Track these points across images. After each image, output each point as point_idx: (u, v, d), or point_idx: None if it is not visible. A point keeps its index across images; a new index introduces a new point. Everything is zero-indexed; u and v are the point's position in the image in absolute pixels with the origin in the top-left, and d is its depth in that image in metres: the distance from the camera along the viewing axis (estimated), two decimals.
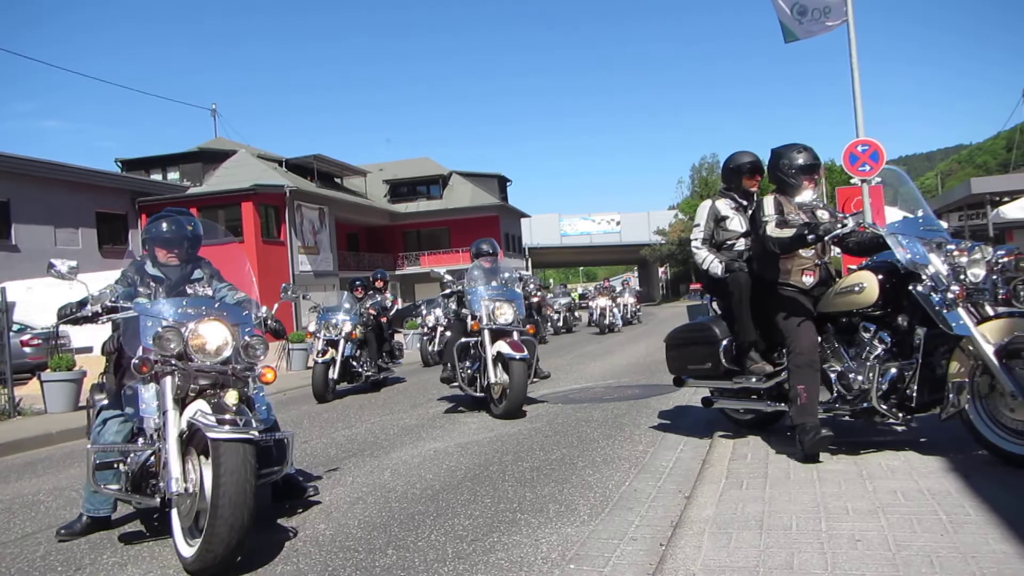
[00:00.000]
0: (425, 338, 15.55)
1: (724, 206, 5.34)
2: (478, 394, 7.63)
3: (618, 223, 68.54)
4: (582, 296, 45.20)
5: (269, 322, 4.26)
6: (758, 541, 3.04)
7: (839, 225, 4.41)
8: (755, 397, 5.05)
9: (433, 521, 3.99)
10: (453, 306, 9.14)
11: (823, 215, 4.72)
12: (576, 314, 27.68)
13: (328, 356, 10.28)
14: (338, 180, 42.05)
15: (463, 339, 7.86)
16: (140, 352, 3.64)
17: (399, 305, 14.67)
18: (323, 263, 34.99)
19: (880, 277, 4.33)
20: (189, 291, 4.27)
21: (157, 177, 33.19)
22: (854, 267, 5.31)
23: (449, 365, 7.96)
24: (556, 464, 5.17)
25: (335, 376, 10.31)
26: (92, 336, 19.22)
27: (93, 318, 3.96)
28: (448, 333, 14.39)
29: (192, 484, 3.43)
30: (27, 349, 15.77)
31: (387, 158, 52.72)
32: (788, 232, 4.52)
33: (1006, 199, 20.49)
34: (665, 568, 2.87)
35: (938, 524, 3.06)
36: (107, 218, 27.82)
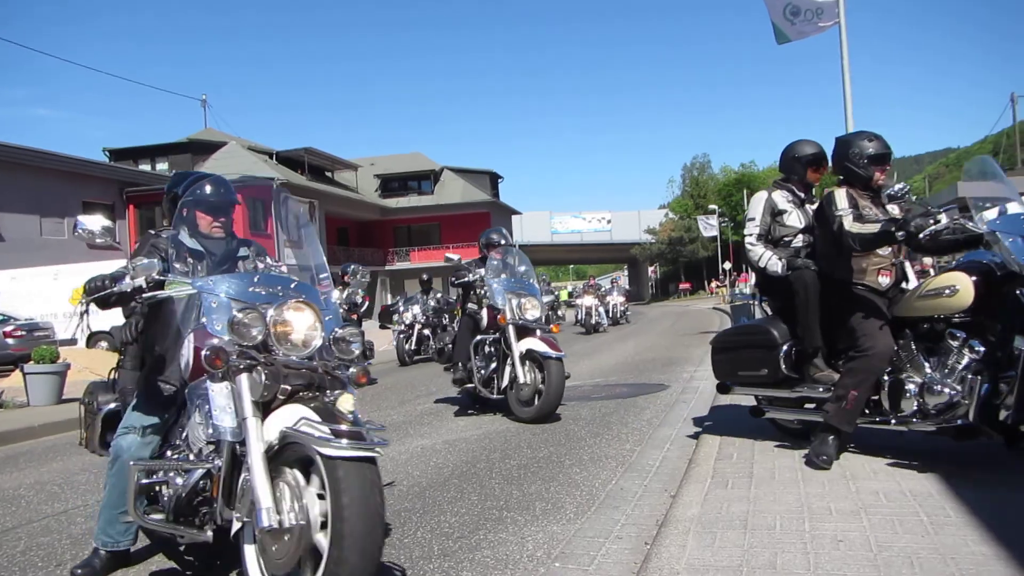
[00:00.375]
0: (402, 336, 14.87)
1: (782, 199, 4.87)
2: (495, 396, 7.07)
3: (609, 222, 68.70)
4: (570, 295, 44.50)
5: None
6: (742, 541, 3.06)
7: (931, 220, 3.88)
8: (813, 407, 4.61)
9: (419, 518, 3.98)
10: (457, 299, 9.00)
11: (915, 209, 4.21)
12: (560, 313, 26.84)
13: None
14: (329, 174, 41.95)
15: (479, 336, 7.32)
16: (209, 340, 2.79)
17: (367, 301, 14.26)
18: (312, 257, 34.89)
19: (975, 279, 3.89)
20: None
21: (146, 167, 33.01)
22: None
23: (461, 365, 7.34)
24: (543, 462, 5.18)
25: None
26: (74, 328, 19.15)
27: (132, 295, 3.02)
28: (427, 331, 14.23)
29: (291, 516, 2.57)
30: (10, 340, 15.69)
31: (378, 152, 52.54)
32: (872, 228, 4.09)
33: (990, 203, 20.67)
34: (650, 567, 2.88)
35: (919, 525, 3.08)
36: (95, 208, 27.58)
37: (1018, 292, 3.70)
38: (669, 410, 7.05)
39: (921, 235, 3.89)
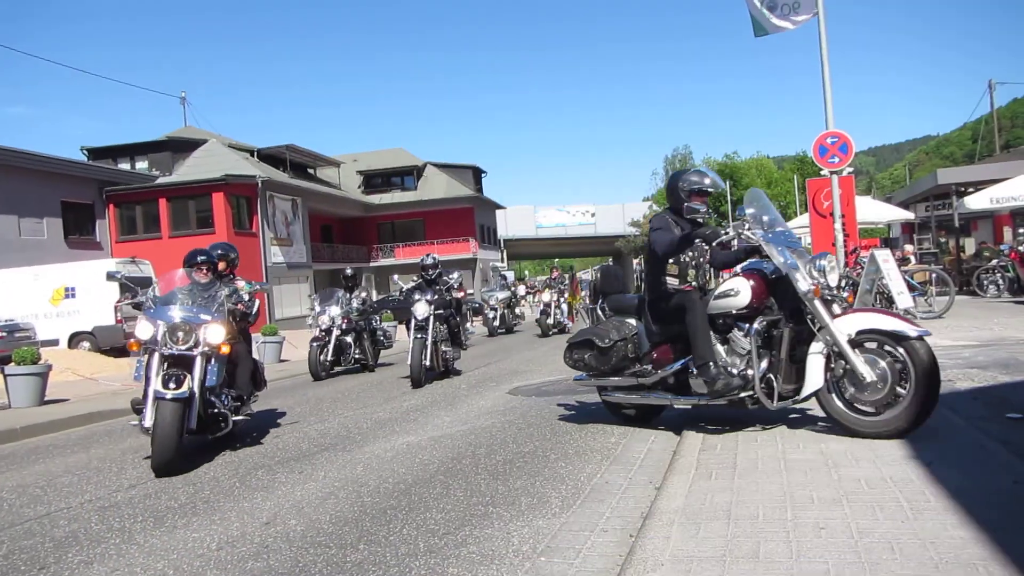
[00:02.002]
0: (316, 344, 11.90)
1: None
2: (775, 404, 4.87)
3: (593, 215, 68.80)
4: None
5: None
6: (726, 531, 3.08)
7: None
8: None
9: (405, 515, 3.99)
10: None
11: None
12: (519, 311, 23.93)
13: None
14: (311, 171, 41.70)
15: (733, 312, 5.04)
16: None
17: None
18: (296, 255, 34.72)
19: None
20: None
21: (125, 166, 32.63)
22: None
23: (714, 366, 5.02)
24: (529, 457, 5.19)
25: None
26: (57, 329, 18.97)
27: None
28: (349, 338, 12.12)
29: None
30: None
31: (360, 149, 52.33)
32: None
33: (971, 190, 20.85)
34: (634, 559, 2.89)
35: (899, 511, 3.12)
36: (73, 207, 27.31)
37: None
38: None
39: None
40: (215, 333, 5.81)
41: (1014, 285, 16.44)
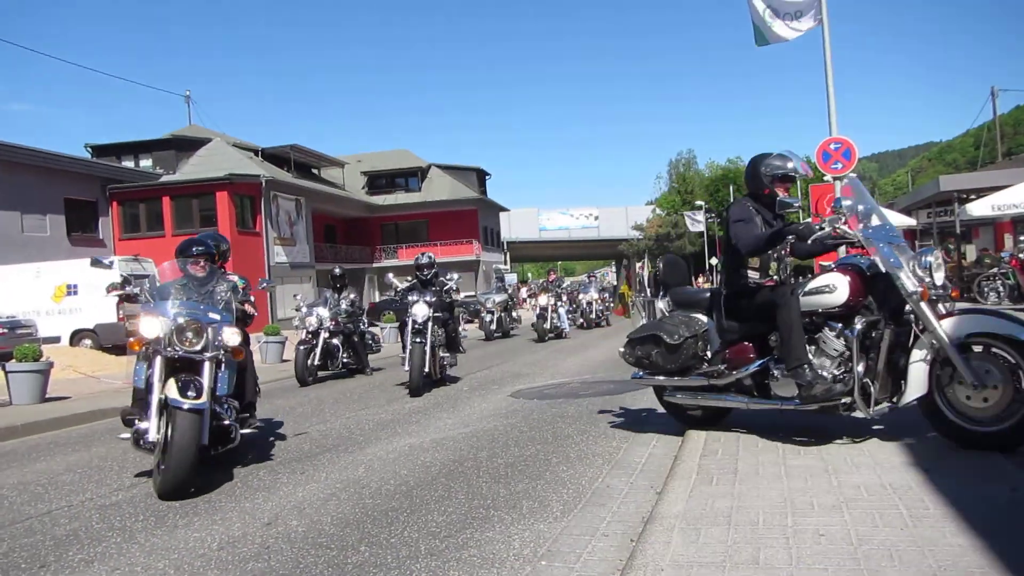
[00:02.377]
0: (303, 348, 11.29)
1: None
2: (872, 411, 4.41)
3: (596, 218, 68.77)
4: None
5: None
6: (726, 536, 3.09)
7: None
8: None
9: (407, 517, 4.00)
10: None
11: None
12: (516, 315, 23.49)
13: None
14: (315, 171, 41.75)
15: (824, 310, 4.59)
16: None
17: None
18: (299, 255, 34.75)
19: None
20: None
21: (129, 164, 32.69)
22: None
23: (808, 369, 4.56)
24: (530, 460, 5.20)
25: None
26: (59, 326, 18.99)
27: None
28: (337, 341, 11.52)
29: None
30: None
31: (365, 149, 52.39)
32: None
33: (973, 196, 20.85)
34: (635, 564, 2.90)
35: (899, 518, 3.12)
36: (76, 205, 27.36)
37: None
38: (655, 407, 7.07)
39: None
40: (232, 335, 5.19)
41: (1014, 292, 16.43)
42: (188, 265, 5.58)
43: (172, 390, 4.74)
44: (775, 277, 5.03)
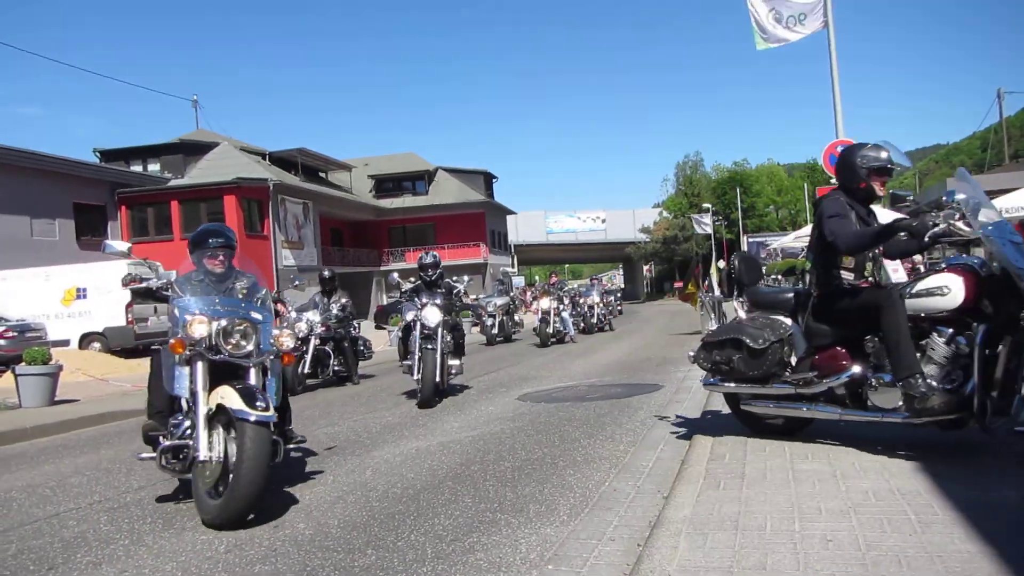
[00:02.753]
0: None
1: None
2: (989, 426, 4.06)
3: (603, 221, 68.82)
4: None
5: None
6: (733, 541, 3.08)
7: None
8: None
9: (413, 521, 4.00)
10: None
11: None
12: (518, 318, 22.81)
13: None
14: (322, 174, 41.88)
15: (934, 314, 4.23)
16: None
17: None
18: (307, 258, 34.85)
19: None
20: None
21: (137, 168, 32.85)
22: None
23: (912, 375, 4.10)
24: (537, 464, 5.19)
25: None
26: (68, 330, 19.08)
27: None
28: (328, 348, 10.94)
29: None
30: (1, 341, 15.62)
31: (372, 153, 52.53)
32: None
33: None
34: (641, 569, 2.89)
35: (907, 524, 3.11)
36: (85, 209, 27.51)
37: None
38: (662, 410, 7.07)
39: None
40: (288, 338, 4.66)
41: None
42: (205, 260, 4.81)
43: (234, 400, 4.05)
44: (870, 279, 4.70)
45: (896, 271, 11.73)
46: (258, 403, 4.07)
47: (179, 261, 5.80)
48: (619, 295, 42.80)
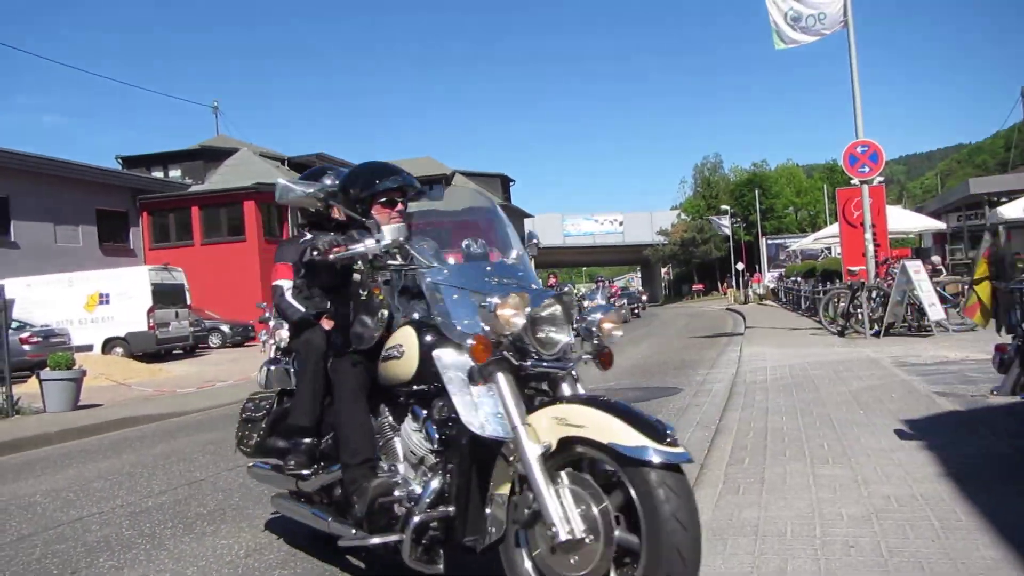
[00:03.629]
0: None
1: None
2: None
3: (621, 223, 68.63)
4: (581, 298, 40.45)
5: None
6: (753, 547, 3.05)
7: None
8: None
9: None
10: None
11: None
12: None
13: None
14: None
15: None
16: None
17: None
18: None
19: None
20: None
21: (158, 174, 33.17)
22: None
23: None
24: None
25: None
26: (91, 335, 19.30)
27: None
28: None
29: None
30: (26, 347, 15.81)
31: (390, 157, 52.75)
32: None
33: (1004, 199, 20.54)
34: None
35: (930, 530, 3.07)
36: (108, 215, 27.83)
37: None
38: (682, 414, 7.04)
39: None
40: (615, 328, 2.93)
41: None
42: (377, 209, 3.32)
43: (628, 435, 2.31)
44: None
45: (918, 272, 11.64)
46: (667, 435, 2.38)
47: (200, 266, 5.85)
48: (644, 301, 42.23)
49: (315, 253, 2.99)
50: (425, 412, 2.85)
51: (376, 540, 2.77)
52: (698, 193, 66.73)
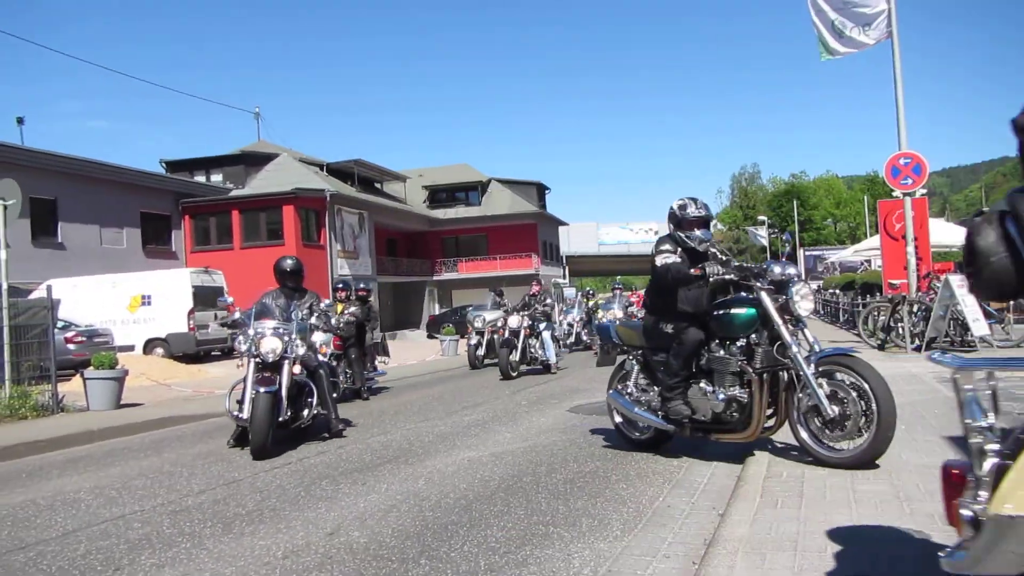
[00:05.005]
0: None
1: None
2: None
3: (656, 232, 68.09)
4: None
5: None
6: (792, 563, 3.01)
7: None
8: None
9: (466, 532, 4.01)
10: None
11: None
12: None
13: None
14: (378, 185, 42.49)
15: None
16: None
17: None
18: (362, 268, 35.34)
19: None
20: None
21: (201, 179, 33.80)
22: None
23: None
24: (590, 477, 5.17)
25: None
26: (133, 335, 19.68)
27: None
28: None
29: None
30: (71, 346, 16.18)
31: (426, 164, 53.13)
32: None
33: None
34: None
35: None
36: (151, 218, 28.42)
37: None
38: None
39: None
40: None
41: None
42: None
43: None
44: None
45: (962, 286, 11.39)
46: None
47: (239, 269, 6.10)
48: None
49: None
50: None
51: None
52: (735, 203, 66.18)
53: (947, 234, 20.13)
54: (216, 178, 34.09)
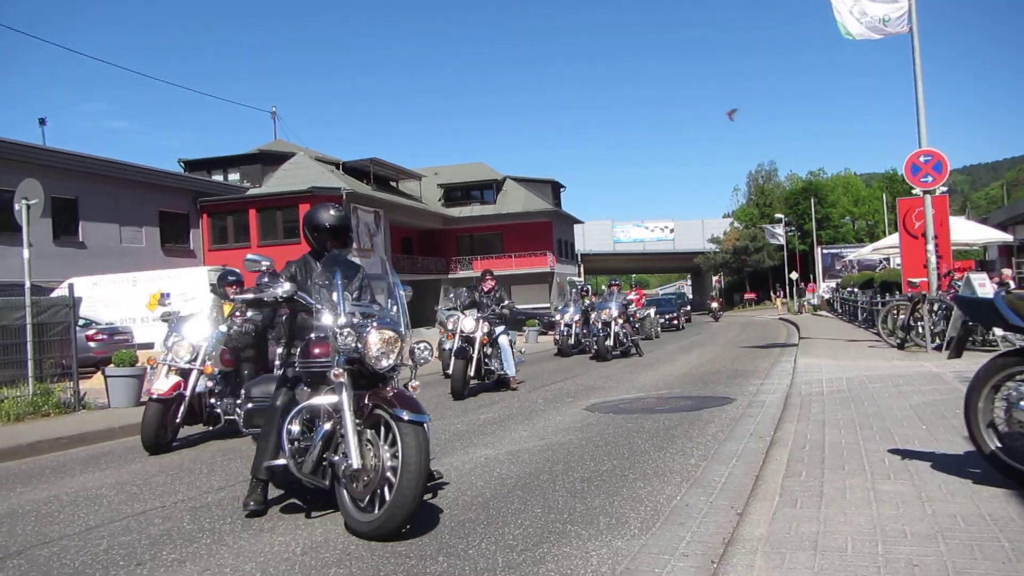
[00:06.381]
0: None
1: None
2: None
3: (671, 231, 68.04)
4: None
5: None
6: (812, 563, 2.99)
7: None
8: None
9: (484, 529, 4.02)
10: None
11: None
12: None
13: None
14: (393, 183, 42.63)
15: None
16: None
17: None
18: (377, 266, 35.42)
19: None
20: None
21: (218, 178, 34.08)
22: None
23: None
24: (607, 475, 5.16)
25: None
26: (153, 333, 19.85)
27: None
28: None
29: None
30: (92, 344, 16.34)
31: (442, 162, 53.23)
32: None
33: None
34: None
35: (1000, 552, 2.97)
36: (170, 217, 28.68)
37: None
38: (735, 424, 6.94)
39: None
40: None
41: None
42: None
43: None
44: None
45: (983, 285, 11.27)
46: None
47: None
48: (687, 310, 39.31)
49: None
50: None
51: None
52: (751, 201, 65.77)
53: (968, 232, 19.90)
54: (233, 177, 34.33)
